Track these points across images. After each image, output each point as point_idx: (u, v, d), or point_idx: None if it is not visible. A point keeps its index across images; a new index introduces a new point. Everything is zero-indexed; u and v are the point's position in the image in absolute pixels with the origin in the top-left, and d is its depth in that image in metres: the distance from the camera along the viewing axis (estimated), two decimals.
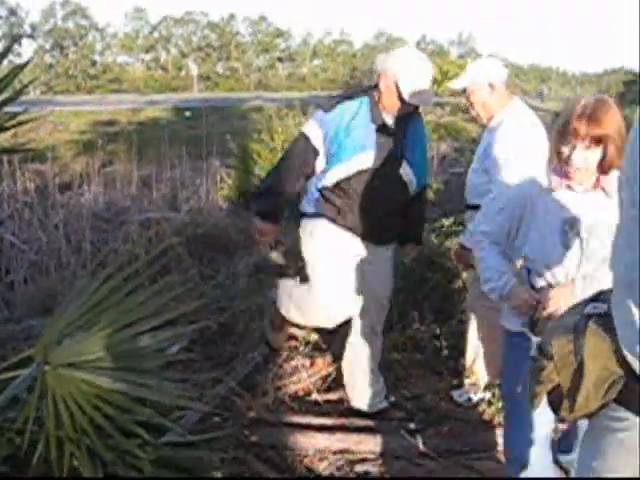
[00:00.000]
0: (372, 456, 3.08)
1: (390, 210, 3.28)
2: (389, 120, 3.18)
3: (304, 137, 3.27)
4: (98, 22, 61.75)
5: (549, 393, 1.36)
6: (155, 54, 65.55)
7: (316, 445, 3.09)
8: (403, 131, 3.22)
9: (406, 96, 3.08)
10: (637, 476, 1.19)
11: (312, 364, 3.80)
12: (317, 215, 3.30)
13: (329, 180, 3.20)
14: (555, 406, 1.35)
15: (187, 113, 24.18)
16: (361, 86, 3.70)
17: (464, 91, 3.38)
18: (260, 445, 3.06)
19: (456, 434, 3.20)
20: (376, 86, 3.19)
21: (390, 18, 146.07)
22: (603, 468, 1.25)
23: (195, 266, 5.20)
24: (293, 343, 4.09)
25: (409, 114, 3.22)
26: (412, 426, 3.25)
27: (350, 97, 3.24)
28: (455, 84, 3.39)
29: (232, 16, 65.86)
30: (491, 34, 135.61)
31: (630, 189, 1.13)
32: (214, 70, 63.61)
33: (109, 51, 64.00)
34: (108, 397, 2.37)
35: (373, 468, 3.00)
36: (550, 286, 2.23)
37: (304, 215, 3.38)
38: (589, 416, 1.31)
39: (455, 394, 3.59)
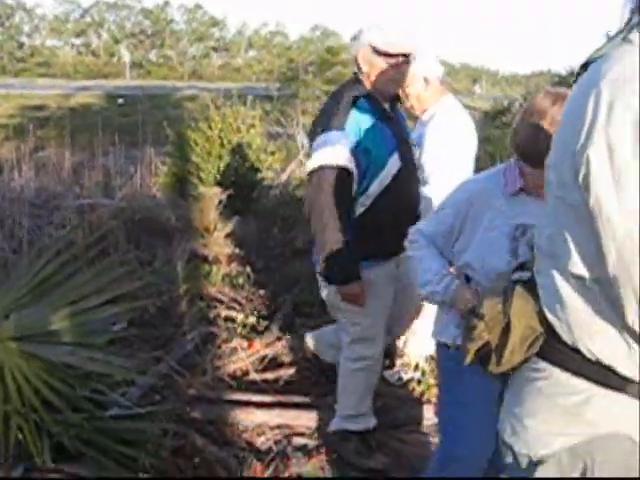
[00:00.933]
0: (308, 431, 3.22)
1: (418, 202, 3.03)
2: (387, 107, 2.91)
3: (331, 168, 2.73)
4: (26, 2, 60.09)
5: (479, 350, 1.52)
6: (86, 39, 64.06)
7: (255, 420, 3.21)
8: (402, 119, 3.02)
9: (383, 46, 2.78)
10: (553, 418, 1.37)
11: (250, 345, 3.91)
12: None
13: (362, 205, 2.85)
14: (484, 361, 1.51)
15: (120, 100, 23.88)
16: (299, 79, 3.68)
17: None
18: (200, 421, 3.16)
19: (388, 410, 3.37)
20: (357, 79, 2.91)
21: (326, 11, 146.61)
22: (522, 413, 1.42)
23: (132, 251, 5.22)
24: (231, 325, 4.20)
25: (394, 98, 2.99)
26: None
27: (345, 103, 2.83)
28: None
29: (167, 3, 65.02)
30: (425, 31, 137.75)
31: (558, 172, 1.28)
32: (147, 57, 62.67)
33: (37, 33, 62.26)
34: (56, 371, 2.44)
35: (310, 441, 3.14)
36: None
37: None
38: (513, 369, 1.48)
39: (387, 374, 3.76)
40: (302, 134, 10.28)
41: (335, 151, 2.72)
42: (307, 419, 3.26)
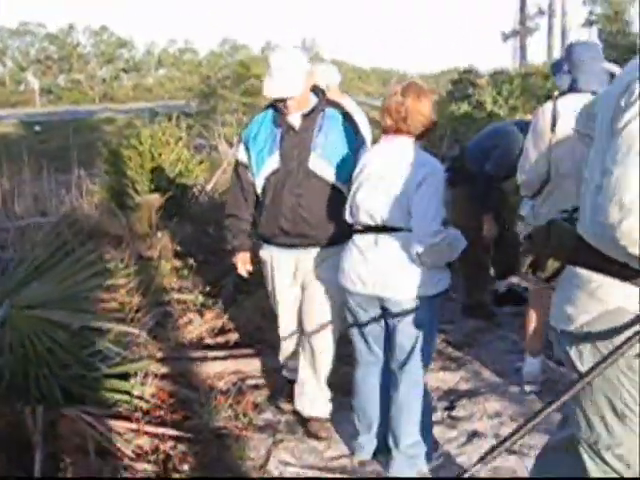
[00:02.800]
0: (258, 373, 4.04)
1: (312, 208, 3.31)
2: (294, 120, 3.32)
3: (235, 159, 3.60)
4: None
5: (531, 263, 2.18)
6: None
7: (214, 370, 4.00)
8: (313, 127, 3.32)
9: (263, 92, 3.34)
10: (579, 301, 1.89)
11: (202, 317, 4.68)
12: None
13: (258, 191, 3.44)
14: (534, 270, 2.17)
15: (37, 127, 23.97)
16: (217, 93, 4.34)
17: None
18: (171, 374, 3.91)
19: None
20: None
21: (234, 25, 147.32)
22: (562, 302, 1.99)
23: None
24: (184, 305, 4.95)
25: (321, 110, 3.36)
26: None
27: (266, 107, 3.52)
28: None
29: (72, 27, 64.29)
30: (334, 39, 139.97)
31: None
32: (56, 83, 61.88)
33: None
34: (62, 332, 3.18)
35: (260, 381, 3.96)
36: None
37: None
38: (554, 275, 2.09)
39: None
40: (224, 144, 11.04)
41: (238, 146, 3.59)
42: (256, 364, 4.08)
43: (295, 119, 3.33)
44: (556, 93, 3.56)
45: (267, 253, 3.51)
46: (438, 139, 9.36)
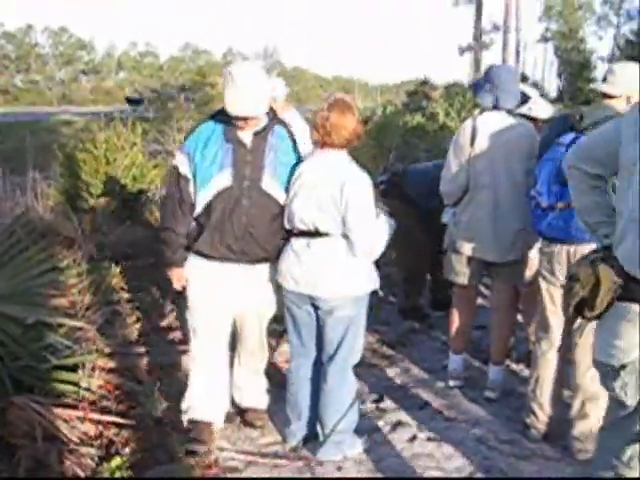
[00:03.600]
0: None
1: (261, 227, 3.33)
2: (246, 137, 3.31)
3: (173, 168, 3.41)
4: None
5: (576, 304, 2.17)
6: None
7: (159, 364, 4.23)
8: (264, 146, 3.34)
9: (226, 108, 3.21)
10: (633, 336, 1.97)
11: (150, 316, 4.91)
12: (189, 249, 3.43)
13: (199, 206, 3.33)
14: (579, 311, 2.17)
15: None
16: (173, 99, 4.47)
17: None
18: (118, 369, 4.12)
19: None
20: None
21: (196, 30, 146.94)
22: (611, 337, 2.06)
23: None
24: (132, 304, 5.16)
25: (271, 128, 3.39)
26: None
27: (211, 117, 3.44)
28: None
29: (30, 26, 63.52)
30: (296, 47, 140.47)
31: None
32: (12, 83, 61.00)
33: None
34: (15, 326, 3.37)
35: None
36: None
37: None
38: (600, 315, 2.12)
39: None
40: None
41: (177, 155, 3.45)
42: None
43: (247, 136, 3.32)
44: (477, 112, 3.91)
45: (201, 268, 3.43)
46: (387, 151, 9.69)
